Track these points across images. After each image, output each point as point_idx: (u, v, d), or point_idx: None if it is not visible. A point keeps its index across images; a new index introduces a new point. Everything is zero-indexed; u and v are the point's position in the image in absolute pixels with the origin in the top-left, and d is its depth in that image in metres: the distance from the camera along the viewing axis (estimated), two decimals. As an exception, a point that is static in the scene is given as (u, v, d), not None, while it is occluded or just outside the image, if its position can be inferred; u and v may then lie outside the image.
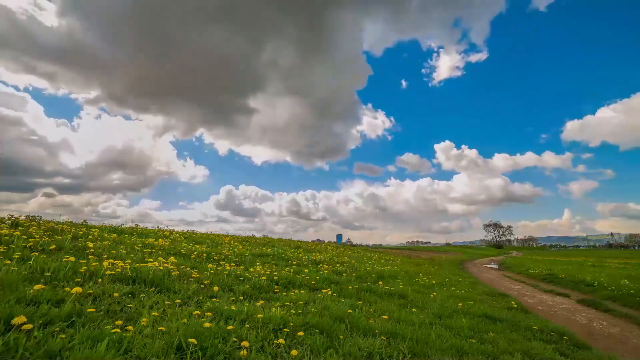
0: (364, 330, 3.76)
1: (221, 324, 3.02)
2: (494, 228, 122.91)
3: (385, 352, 3.24)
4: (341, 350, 3.08)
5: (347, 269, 9.75)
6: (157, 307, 3.35)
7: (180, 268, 5.27)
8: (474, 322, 5.01)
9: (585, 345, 4.63)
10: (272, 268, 7.32)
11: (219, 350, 2.56)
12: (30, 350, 2.05)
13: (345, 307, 4.49)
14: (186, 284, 4.47)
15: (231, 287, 4.89)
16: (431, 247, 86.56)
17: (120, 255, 5.54)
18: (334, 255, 14.67)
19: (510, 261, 28.75)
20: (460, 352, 3.58)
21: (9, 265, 3.50)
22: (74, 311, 2.72)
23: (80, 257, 4.76)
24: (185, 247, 8.34)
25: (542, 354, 3.91)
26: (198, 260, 6.77)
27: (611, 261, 30.96)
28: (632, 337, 5.52)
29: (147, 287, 4.02)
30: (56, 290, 3.13)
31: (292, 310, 3.96)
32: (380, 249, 43.13)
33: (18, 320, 2.11)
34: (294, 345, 3.02)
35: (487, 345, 3.95)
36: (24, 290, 2.90)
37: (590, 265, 23.07)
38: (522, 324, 5.29)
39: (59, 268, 3.82)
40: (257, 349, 2.79)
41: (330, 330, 3.54)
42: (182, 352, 2.46)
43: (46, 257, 4.26)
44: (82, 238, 6.83)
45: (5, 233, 5.40)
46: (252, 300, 4.48)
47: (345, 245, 47.92)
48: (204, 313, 3.22)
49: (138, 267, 4.42)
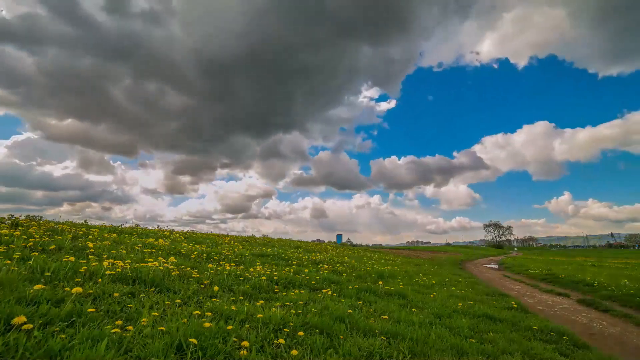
0: (364, 330, 3.76)
1: (221, 324, 3.02)
2: (494, 228, 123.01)
3: (385, 352, 3.24)
4: (341, 350, 3.08)
5: (347, 269, 9.75)
6: (157, 307, 3.34)
7: (180, 268, 5.27)
8: (474, 322, 5.01)
9: (585, 345, 4.63)
10: (272, 268, 7.32)
11: (219, 350, 2.56)
12: (30, 350, 2.05)
13: (345, 307, 4.49)
14: (186, 284, 4.47)
15: (231, 287, 4.89)
16: (431, 247, 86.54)
17: (120, 255, 5.54)
18: (334, 255, 14.67)
19: (510, 261, 28.74)
20: (460, 352, 3.58)
21: (9, 265, 3.50)
22: (74, 311, 2.71)
23: (80, 257, 4.76)
24: (185, 247, 8.34)
25: (542, 354, 3.91)
26: (198, 260, 6.77)
27: (611, 261, 31.00)
28: (632, 337, 5.52)
29: (147, 287, 4.02)
30: (56, 290, 3.13)
31: (292, 310, 3.96)
32: (380, 249, 43.12)
33: (18, 320, 2.10)
34: (294, 345, 3.02)
35: (487, 345, 3.95)
36: (24, 290, 2.90)
37: (590, 265, 23.07)
38: (522, 324, 5.29)
39: (59, 268, 3.82)
40: (257, 349, 2.79)
41: (330, 330, 3.53)
42: (182, 352, 2.46)
43: (46, 257, 4.26)
44: (82, 238, 6.83)
45: (5, 233, 5.40)
46: (252, 300, 4.48)
47: (345, 245, 47.92)
48: (204, 313, 3.22)
49: (138, 267, 4.42)
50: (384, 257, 21.01)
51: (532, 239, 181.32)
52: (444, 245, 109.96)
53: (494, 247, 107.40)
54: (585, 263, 26.34)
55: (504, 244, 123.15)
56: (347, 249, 26.01)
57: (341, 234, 61.35)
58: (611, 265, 23.57)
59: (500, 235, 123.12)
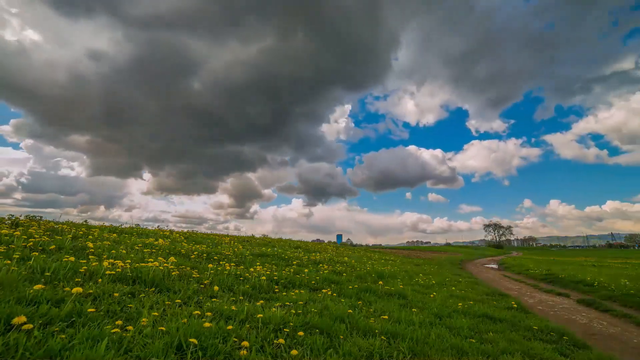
0: (364, 330, 3.77)
1: (221, 324, 3.02)
2: (494, 228, 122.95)
3: (385, 352, 3.24)
4: (341, 350, 3.08)
5: (347, 269, 9.75)
6: (157, 307, 3.34)
7: (181, 268, 5.27)
8: (473, 322, 5.01)
9: (585, 345, 4.63)
10: (272, 268, 7.32)
11: (219, 350, 2.56)
12: (30, 350, 2.05)
13: (345, 307, 4.49)
14: (186, 284, 4.46)
15: (231, 287, 4.88)
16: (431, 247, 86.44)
17: (120, 255, 5.54)
18: (334, 255, 14.67)
19: (510, 261, 28.73)
20: (460, 352, 3.58)
21: (9, 265, 3.50)
22: (74, 311, 2.71)
23: (80, 257, 4.76)
24: (185, 247, 8.33)
25: (542, 354, 3.91)
26: (198, 260, 6.77)
27: (611, 261, 31.02)
28: (632, 337, 5.52)
29: (147, 287, 4.02)
30: (56, 290, 3.13)
31: (292, 310, 3.96)
32: (380, 249, 43.13)
33: (18, 320, 2.10)
34: (294, 345, 3.02)
35: (487, 345, 3.95)
36: (24, 290, 2.90)
37: (590, 265, 23.08)
38: (522, 324, 5.29)
39: (59, 268, 3.81)
40: (257, 349, 2.79)
41: (330, 330, 3.54)
42: (182, 352, 2.46)
43: (46, 257, 4.26)
44: (82, 238, 6.83)
45: (5, 233, 5.40)
46: (252, 300, 4.48)
47: (345, 245, 47.97)
48: (204, 313, 3.22)
49: (138, 267, 4.42)
50: (384, 257, 21.01)
51: (532, 239, 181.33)
52: (444, 245, 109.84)
53: (494, 247, 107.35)
54: (585, 263, 26.35)
55: (504, 244, 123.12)
56: (347, 249, 26.01)
57: (341, 234, 61.33)
58: (611, 265, 23.57)
59: (500, 235, 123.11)
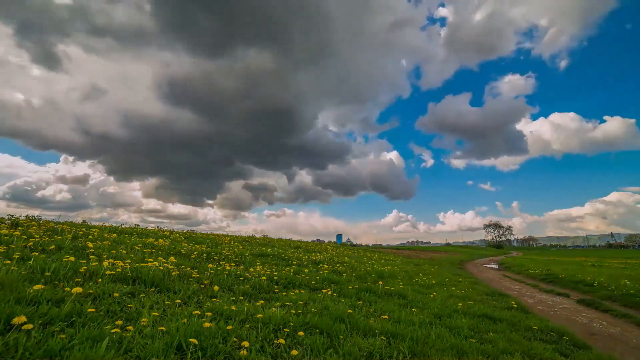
0: (364, 330, 3.77)
1: (221, 324, 3.02)
2: (494, 228, 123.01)
3: (385, 352, 3.24)
4: (341, 350, 3.08)
5: (347, 269, 9.75)
6: (157, 307, 3.35)
7: (180, 268, 5.27)
8: (473, 322, 5.01)
9: (585, 345, 4.63)
10: (272, 268, 7.32)
11: (219, 350, 2.56)
12: (30, 350, 2.05)
13: (345, 307, 4.49)
14: (186, 284, 4.47)
15: (231, 287, 4.89)
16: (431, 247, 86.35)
17: (120, 255, 5.54)
18: (334, 255, 14.66)
19: (510, 261, 28.73)
20: (460, 352, 3.58)
21: (9, 265, 3.50)
22: (74, 311, 2.71)
23: (80, 257, 4.76)
24: (185, 247, 8.34)
25: (542, 354, 3.91)
26: (198, 260, 6.77)
27: (611, 261, 30.97)
28: (632, 337, 5.52)
29: (147, 287, 4.02)
30: (56, 290, 3.13)
31: (292, 310, 3.96)
32: (380, 249, 43.12)
33: (18, 320, 2.10)
34: (294, 345, 3.02)
35: (487, 345, 3.95)
36: (24, 290, 2.90)
37: (590, 265, 23.06)
38: (522, 324, 5.29)
39: (59, 268, 3.82)
40: (257, 349, 2.79)
41: (330, 330, 3.53)
42: (182, 352, 2.46)
43: (46, 257, 4.26)
44: (82, 238, 6.83)
45: (5, 233, 5.40)
46: (252, 300, 4.48)
47: (345, 245, 47.98)
48: (204, 313, 3.22)
49: (138, 267, 4.42)
50: (384, 257, 21.00)
51: (532, 238, 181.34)
52: (444, 245, 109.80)
53: (494, 247, 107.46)
54: (585, 263, 26.32)
55: (504, 244, 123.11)
56: (347, 249, 26.01)
57: (341, 234, 61.39)
58: (611, 265, 23.55)
59: (500, 235, 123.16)
